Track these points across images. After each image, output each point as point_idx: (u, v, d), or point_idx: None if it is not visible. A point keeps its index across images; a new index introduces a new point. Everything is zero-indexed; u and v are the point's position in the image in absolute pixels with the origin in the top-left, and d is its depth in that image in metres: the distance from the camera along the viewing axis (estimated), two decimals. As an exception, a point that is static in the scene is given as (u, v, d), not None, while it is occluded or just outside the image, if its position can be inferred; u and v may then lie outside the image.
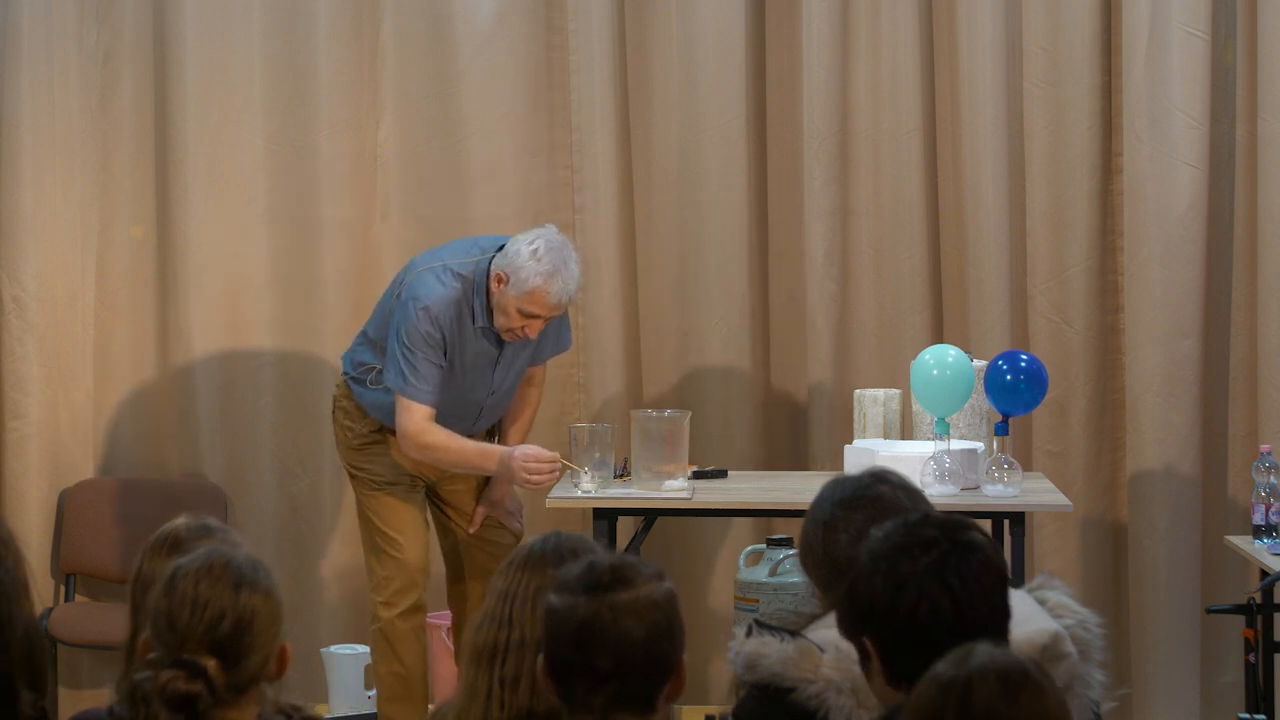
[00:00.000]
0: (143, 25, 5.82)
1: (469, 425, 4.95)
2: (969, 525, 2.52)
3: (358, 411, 4.98)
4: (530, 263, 4.71)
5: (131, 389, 5.90)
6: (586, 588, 2.38)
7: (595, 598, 2.37)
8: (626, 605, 2.36)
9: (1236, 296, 5.66)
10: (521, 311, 4.74)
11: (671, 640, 2.39)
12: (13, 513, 5.70)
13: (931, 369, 4.86)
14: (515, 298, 4.72)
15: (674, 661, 2.40)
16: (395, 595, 4.93)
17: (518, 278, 4.71)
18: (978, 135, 5.61)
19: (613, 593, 2.37)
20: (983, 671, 2.08)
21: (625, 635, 2.35)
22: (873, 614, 2.43)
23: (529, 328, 4.77)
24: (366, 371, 4.94)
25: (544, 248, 4.73)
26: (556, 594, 2.41)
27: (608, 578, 2.39)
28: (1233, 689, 5.54)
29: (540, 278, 4.70)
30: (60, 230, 5.82)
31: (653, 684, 2.38)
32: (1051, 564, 5.64)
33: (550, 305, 4.74)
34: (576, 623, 2.36)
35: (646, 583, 2.39)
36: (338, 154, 5.83)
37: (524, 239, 4.77)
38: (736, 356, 5.79)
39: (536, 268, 4.70)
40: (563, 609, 2.38)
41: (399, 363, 4.77)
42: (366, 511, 4.99)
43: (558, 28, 5.82)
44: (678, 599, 2.43)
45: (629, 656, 2.35)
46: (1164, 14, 5.52)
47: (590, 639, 2.35)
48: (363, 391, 4.95)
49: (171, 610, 2.53)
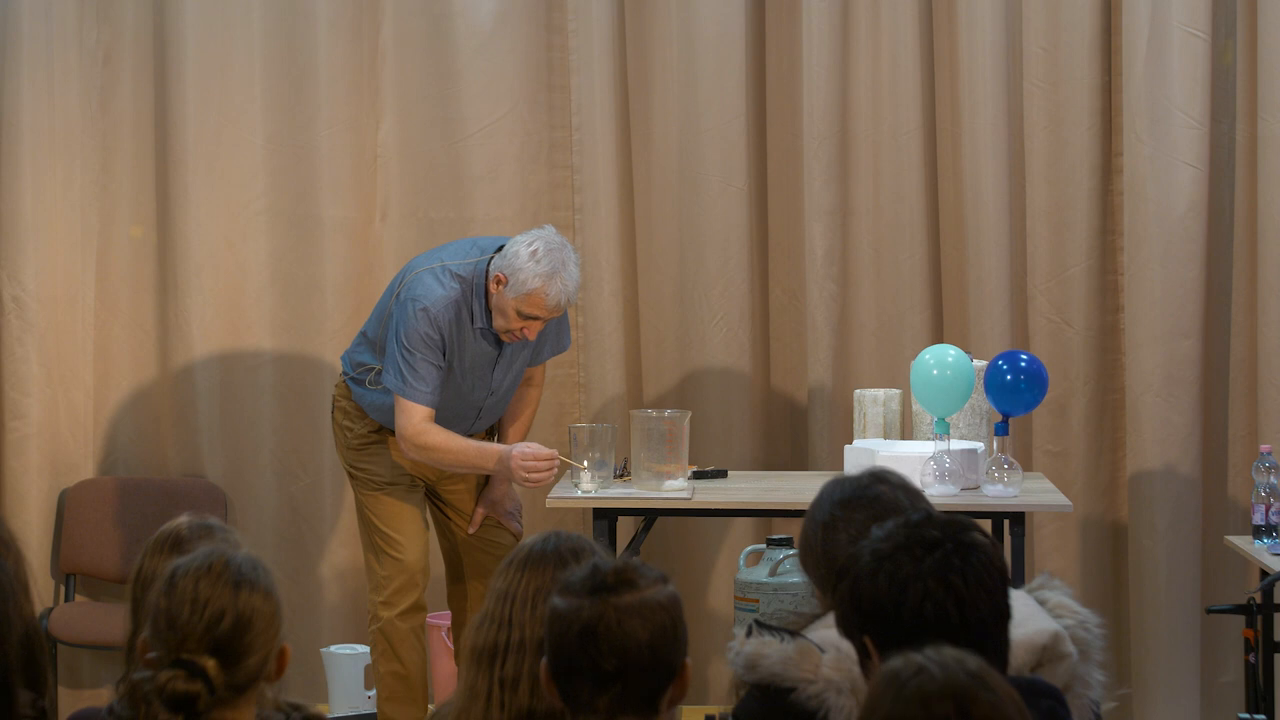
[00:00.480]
0: (143, 25, 5.82)
1: (468, 426, 4.95)
2: (970, 525, 2.52)
3: (357, 412, 4.98)
4: (529, 264, 4.70)
5: (131, 389, 5.90)
6: (591, 590, 2.38)
7: (600, 600, 2.36)
8: (631, 607, 2.36)
9: (1236, 296, 5.66)
10: (520, 313, 4.73)
11: (675, 642, 2.39)
12: (13, 513, 5.70)
13: (931, 369, 4.86)
14: (514, 299, 4.72)
15: (678, 664, 2.39)
16: (395, 595, 4.93)
17: (516, 279, 4.70)
18: (978, 135, 5.61)
19: (617, 595, 2.37)
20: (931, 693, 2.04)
21: (629, 637, 2.35)
22: (875, 613, 2.42)
23: (528, 329, 4.76)
24: (365, 372, 4.93)
25: (543, 249, 4.72)
26: (560, 596, 2.40)
27: (612, 580, 2.39)
28: (1233, 689, 5.54)
29: (539, 279, 4.69)
30: (60, 230, 5.82)
31: (656, 686, 2.38)
32: (1051, 564, 5.64)
33: (549, 307, 4.73)
34: (581, 625, 2.36)
35: (651, 585, 2.39)
36: (338, 154, 5.84)
37: (523, 240, 4.76)
38: (736, 356, 5.79)
39: (535, 269, 4.70)
40: (567, 611, 2.38)
41: (398, 363, 4.77)
42: (366, 511, 4.98)
43: (558, 27, 5.82)
44: (681, 602, 2.43)
45: (633, 658, 2.35)
46: (1164, 14, 5.53)
47: (594, 641, 2.35)
48: (362, 392, 4.95)
49: (171, 609, 2.53)
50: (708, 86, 5.75)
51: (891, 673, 2.05)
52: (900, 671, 2.04)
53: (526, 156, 5.82)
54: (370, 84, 5.85)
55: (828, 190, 5.71)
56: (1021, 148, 5.68)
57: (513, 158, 5.82)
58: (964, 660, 2.05)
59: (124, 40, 5.83)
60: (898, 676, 2.04)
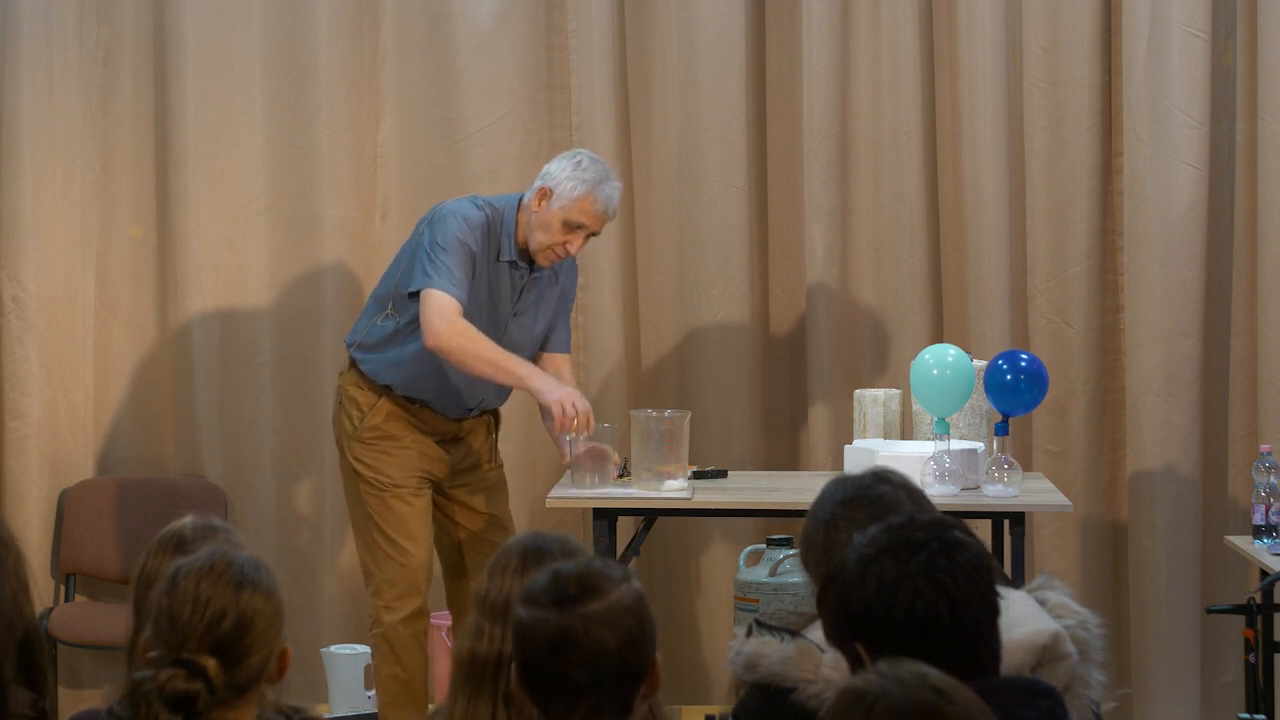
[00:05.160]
0: (143, 25, 5.82)
1: (470, 389, 4.87)
2: (954, 524, 2.52)
3: (369, 391, 4.86)
4: (576, 173, 4.77)
5: (131, 389, 5.90)
6: (555, 600, 2.34)
7: (565, 611, 2.33)
8: (598, 616, 2.33)
9: (1236, 296, 5.66)
10: (567, 223, 4.74)
11: (644, 644, 2.36)
12: (13, 513, 5.70)
13: (931, 369, 4.86)
14: (560, 209, 4.74)
15: (648, 663, 2.37)
16: (397, 600, 4.87)
17: (563, 189, 4.75)
18: (978, 135, 5.62)
19: (582, 604, 2.33)
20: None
21: (599, 647, 2.32)
22: (866, 618, 2.41)
23: (571, 243, 4.77)
24: (376, 319, 4.84)
25: (587, 160, 4.82)
26: (524, 607, 2.36)
27: (575, 588, 2.35)
28: (1233, 689, 5.54)
29: (587, 185, 4.75)
30: (60, 230, 5.82)
31: (628, 689, 2.35)
32: (1051, 564, 5.64)
33: (596, 213, 4.77)
34: (548, 637, 2.32)
35: (614, 588, 2.36)
36: (338, 154, 5.84)
37: (560, 158, 4.84)
38: (736, 356, 5.79)
39: (583, 176, 4.76)
40: (532, 623, 2.34)
41: (424, 266, 4.70)
42: (370, 512, 4.88)
43: (558, 27, 5.82)
44: (645, 598, 2.39)
45: (604, 667, 2.32)
46: (1164, 14, 5.53)
47: (563, 654, 2.32)
48: (371, 349, 4.85)
49: (172, 609, 2.52)
50: (708, 86, 5.75)
51: (856, 692, 2.03)
52: (866, 691, 2.02)
53: (526, 156, 5.82)
54: (370, 84, 5.85)
55: (828, 190, 5.71)
56: (1021, 148, 5.68)
57: (513, 158, 5.82)
58: (926, 675, 2.04)
59: (124, 40, 5.83)
60: (864, 696, 2.02)
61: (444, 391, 4.87)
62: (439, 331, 4.66)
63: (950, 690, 2.03)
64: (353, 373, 4.93)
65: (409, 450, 4.88)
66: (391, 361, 4.85)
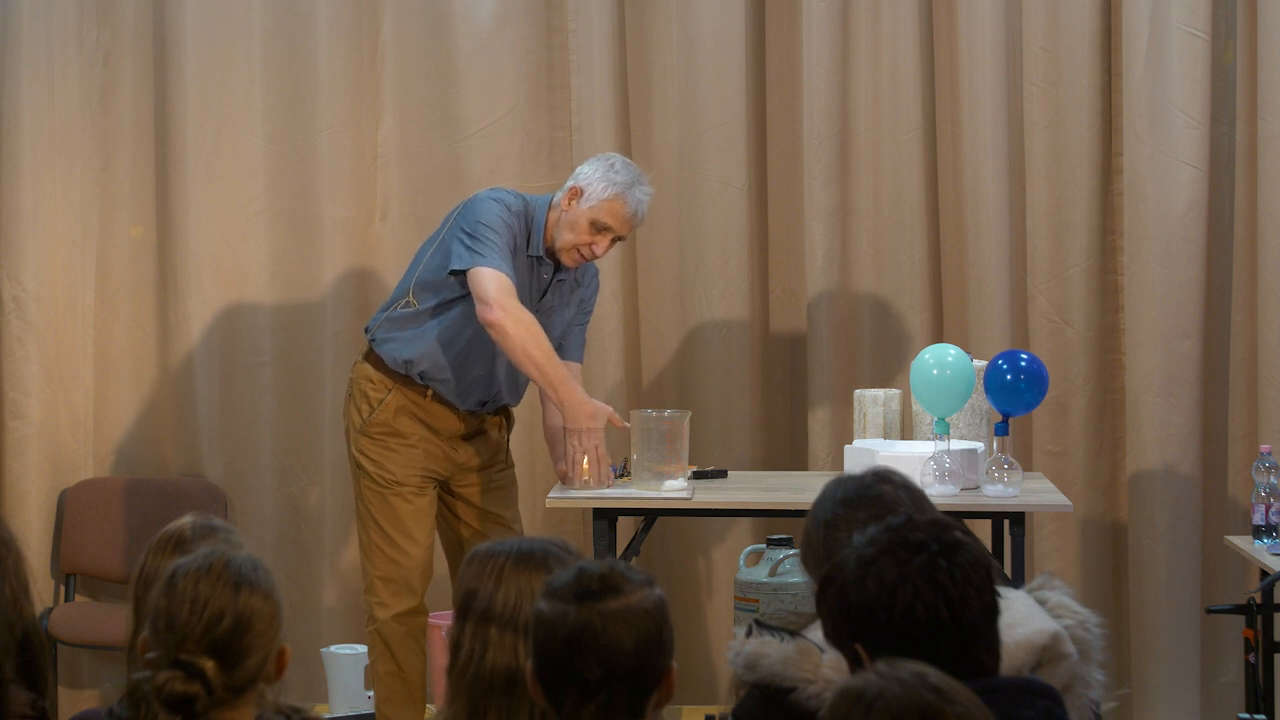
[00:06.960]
0: (143, 25, 5.82)
1: (485, 390, 4.86)
2: (952, 525, 2.52)
3: (380, 385, 4.82)
4: (609, 174, 4.78)
5: (131, 389, 5.90)
6: (576, 595, 2.35)
7: (585, 606, 2.34)
8: (617, 613, 2.34)
9: (1236, 296, 5.66)
10: (594, 224, 4.75)
11: (661, 648, 2.37)
12: (13, 513, 5.70)
13: (931, 369, 4.86)
14: (589, 209, 4.75)
15: (663, 669, 2.37)
16: (391, 597, 4.86)
17: (594, 190, 4.76)
18: (978, 135, 5.62)
19: (602, 601, 2.35)
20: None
21: (615, 644, 2.33)
22: (865, 619, 2.41)
23: (596, 244, 4.77)
24: (395, 308, 4.81)
25: (620, 163, 4.83)
26: (545, 601, 2.38)
27: (598, 585, 2.36)
28: (1233, 689, 5.54)
29: (619, 187, 4.76)
30: (60, 230, 5.82)
31: (642, 692, 2.36)
32: (1051, 564, 5.64)
33: (625, 215, 4.77)
34: (566, 632, 2.34)
35: (636, 590, 2.37)
36: (338, 154, 5.84)
37: (595, 160, 4.85)
38: (736, 356, 5.79)
39: (615, 178, 4.78)
40: (552, 617, 2.35)
41: (468, 244, 4.67)
42: (370, 508, 4.86)
43: (558, 27, 5.83)
44: (667, 605, 2.41)
45: (619, 665, 2.33)
46: (1164, 14, 5.53)
47: (580, 648, 2.33)
48: (395, 335, 4.80)
49: (170, 609, 2.52)
50: (708, 86, 5.75)
51: (855, 692, 2.03)
52: (864, 691, 2.02)
53: (526, 156, 5.82)
54: (370, 84, 5.85)
55: (828, 190, 5.71)
56: (1021, 148, 5.68)
57: (513, 158, 5.82)
58: (925, 675, 2.04)
59: (124, 40, 5.83)
60: (863, 696, 2.02)
61: (461, 374, 4.83)
62: (502, 307, 4.60)
63: (949, 690, 2.03)
64: (366, 364, 4.88)
65: (415, 449, 4.87)
66: (411, 339, 4.81)
